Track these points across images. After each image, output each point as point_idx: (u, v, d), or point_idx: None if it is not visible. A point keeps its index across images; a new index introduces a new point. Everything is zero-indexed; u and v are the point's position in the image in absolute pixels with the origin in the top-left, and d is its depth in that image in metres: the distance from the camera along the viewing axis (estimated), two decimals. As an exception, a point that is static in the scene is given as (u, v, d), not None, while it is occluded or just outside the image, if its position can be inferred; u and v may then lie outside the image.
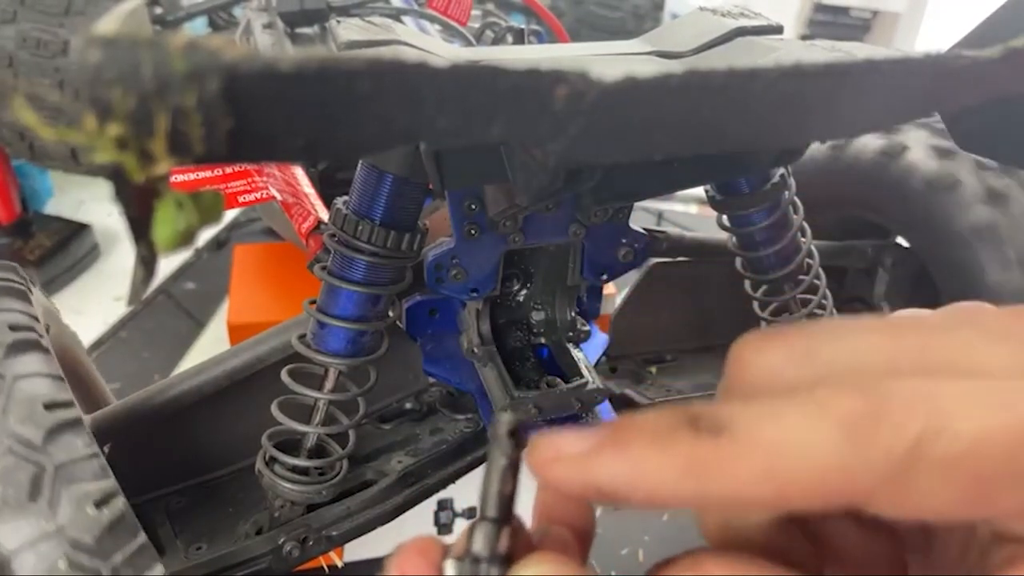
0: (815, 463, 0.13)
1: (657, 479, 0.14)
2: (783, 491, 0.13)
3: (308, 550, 0.43)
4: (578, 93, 0.15)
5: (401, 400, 0.52)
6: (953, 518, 0.13)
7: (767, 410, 0.14)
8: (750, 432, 0.13)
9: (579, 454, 0.15)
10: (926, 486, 0.13)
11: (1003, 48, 0.18)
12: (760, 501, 0.13)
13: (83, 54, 0.13)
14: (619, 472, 0.14)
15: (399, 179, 0.36)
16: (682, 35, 0.29)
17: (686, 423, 0.14)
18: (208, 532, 0.44)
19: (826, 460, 0.13)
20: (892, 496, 0.13)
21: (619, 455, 0.14)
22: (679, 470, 0.14)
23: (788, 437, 0.13)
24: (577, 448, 0.15)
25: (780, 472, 0.13)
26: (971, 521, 0.14)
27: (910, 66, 0.17)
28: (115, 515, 0.30)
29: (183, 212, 0.16)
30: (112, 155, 0.14)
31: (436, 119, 0.16)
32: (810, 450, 0.13)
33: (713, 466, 0.13)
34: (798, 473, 0.13)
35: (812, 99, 0.18)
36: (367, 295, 0.39)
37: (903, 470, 0.13)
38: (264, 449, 0.42)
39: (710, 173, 0.34)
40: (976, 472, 0.13)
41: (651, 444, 0.14)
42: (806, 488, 0.13)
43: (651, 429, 0.14)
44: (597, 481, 0.14)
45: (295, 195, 0.52)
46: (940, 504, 0.13)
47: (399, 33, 0.27)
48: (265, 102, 0.14)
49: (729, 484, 0.13)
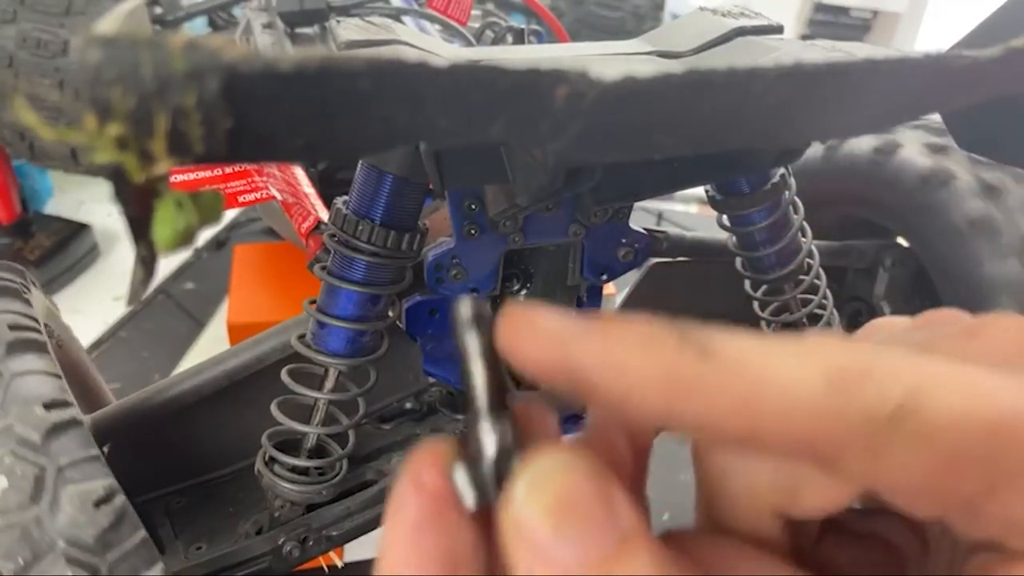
0: (794, 405, 0.13)
1: (635, 378, 0.13)
2: (755, 427, 0.13)
3: (308, 550, 0.43)
4: (578, 93, 0.15)
5: (401, 400, 0.52)
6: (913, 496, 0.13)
7: (755, 344, 0.13)
8: (735, 360, 0.13)
9: (557, 330, 0.14)
10: (897, 457, 0.12)
11: (1003, 48, 0.18)
12: (730, 432, 0.13)
13: (83, 54, 0.13)
14: (598, 359, 0.13)
15: (399, 179, 0.36)
16: (682, 35, 0.29)
17: (674, 335, 0.13)
18: (208, 532, 0.44)
19: (805, 405, 0.12)
20: (860, 460, 0.13)
21: (601, 341, 0.13)
22: (658, 377, 0.13)
23: (772, 374, 0.13)
24: (556, 324, 0.14)
25: (756, 406, 0.13)
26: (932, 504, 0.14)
27: (910, 66, 0.17)
28: (115, 514, 0.30)
29: (183, 212, 0.16)
30: (112, 155, 0.14)
31: (436, 119, 0.16)
32: (791, 391, 0.13)
33: (691, 383, 0.13)
34: (774, 412, 0.13)
35: (812, 99, 0.18)
36: (367, 295, 0.39)
37: (878, 434, 0.12)
38: (264, 449, 0.42)
39: (710, 173, 0.34)
40: (950, 452, 0.12)
41: (636, 343, 0.13)
42: (778, 429, 0.13)
43: (638, 329, 0.13)
44: (572, 363, 0.13)
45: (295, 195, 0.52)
46: (906, 478, 0.13)
47: (399, 33, 0.27)
48: (265, 102, 0.14)
49: (703, 406, 0.13)
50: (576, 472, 0.13)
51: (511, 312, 0.14)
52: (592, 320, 0.14)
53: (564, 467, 0.13)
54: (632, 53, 0.29)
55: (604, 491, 0.13)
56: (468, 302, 0.15)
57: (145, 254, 0.16)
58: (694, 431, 0.14)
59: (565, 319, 0.14)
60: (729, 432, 0.13)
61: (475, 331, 0.15)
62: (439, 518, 0.14)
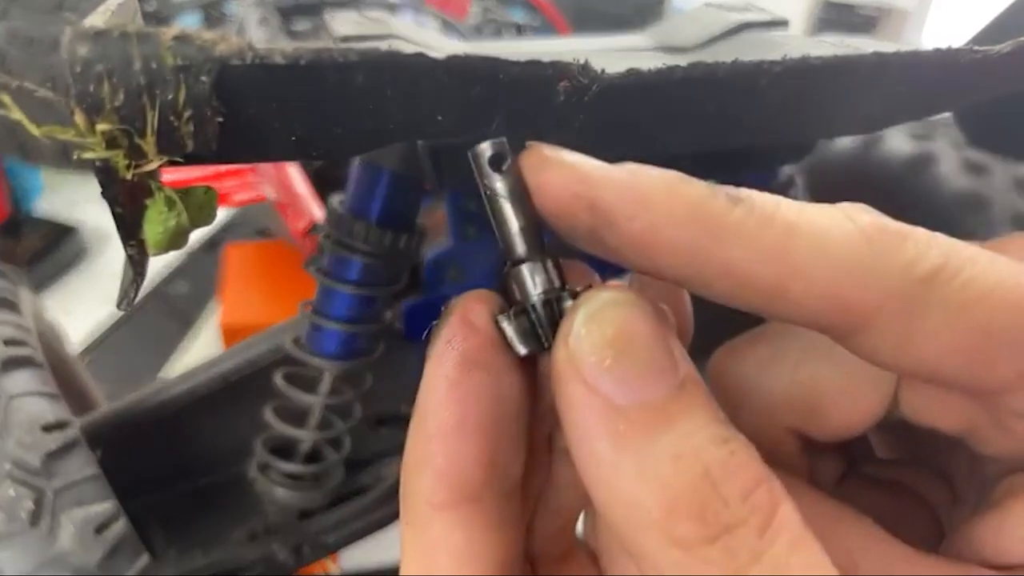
0: (829, 255, 0.12)
1: (661, 214, 0.12)
2: (785, 279, 0.12)
3: (302, 557, 0.43)
4: (580, 87, 0.15)
5: (397, 404, 0.51)
6: (946, 373, 0.13)
7: (789, 202, 0.13)
8: (769, 207, 0.12)
9: (583, 165, 0.13)
10: (931, 324, 0.12)
11: (1014, 43, 0.17)
12: (759, 283, 0.12)
13: (72, 48, 0.13)
14: (624, 193, 0.13)
15: (396, 177, 0.36)
16: (686, 29, 0.28)
17: (703, 184, 0.13)
18: (201, 538, 0.43)
19: (841, 256, 0.12)
20: (894, 324, 0.12)
21: (628, 177, 0.13)
22: (685, 215, 0.12)
23: (808, 224, 0.12)
24: (581, 160, 0.13)
25: (789, 256, 0.12)
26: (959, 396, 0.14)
27: (920, 61, 0.17)
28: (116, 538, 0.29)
29: (174, 211, 0.16)
30: (102, 152, 0.13)
31: (434, 114, 0.15)
32: (827, 242, 0.12)
33: (721, 223, 0.12)
34: (808, 264, 0.12)
35: (819, 94, 0.18)
36: (363, 296, 0.38)
37: (914, 294, 0.12)
38: (257, 454, 0.42)
39: (716, 171, 0.33)
40: (984, 325, 0.12)
41: (663, 182, 0.13)
42: (810, 284, 0.12)
43: (665, 172, 0.13)
44: (594, 191, 0.13)
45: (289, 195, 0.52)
46: (939, 350, 0.12)
47: (396, 27, 0.27)
48: (257, 96, 0.14)
49: (732, 248, 0.12)
50: (638, 309, 0.13)
51: (534, 148, 0.14)
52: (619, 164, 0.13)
53: (625, 303, 0.13)
54: (635, 48, 0.29)
55: (664, 333, 0.12)
56: (488, 142, 0.14)
57: (135, 255, 0.15)
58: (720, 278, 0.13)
59: (588, 158, 0.13)
60: (758, 281, 0.12)
61: (499, 172, 0.14)
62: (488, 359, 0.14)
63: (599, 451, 0.12)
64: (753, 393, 0.16)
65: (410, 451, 0.14)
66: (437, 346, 0.14)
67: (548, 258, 0.14)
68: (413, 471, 0.14)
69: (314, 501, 0.42)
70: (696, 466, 0.11)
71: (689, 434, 0.12)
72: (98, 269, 1.17)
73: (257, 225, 1.17)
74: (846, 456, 0.18)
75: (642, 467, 0.11)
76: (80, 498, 0.30)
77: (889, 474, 0.18)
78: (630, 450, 0.11)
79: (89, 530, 0.29)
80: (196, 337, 1.04)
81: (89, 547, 0.28)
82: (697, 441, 0.11)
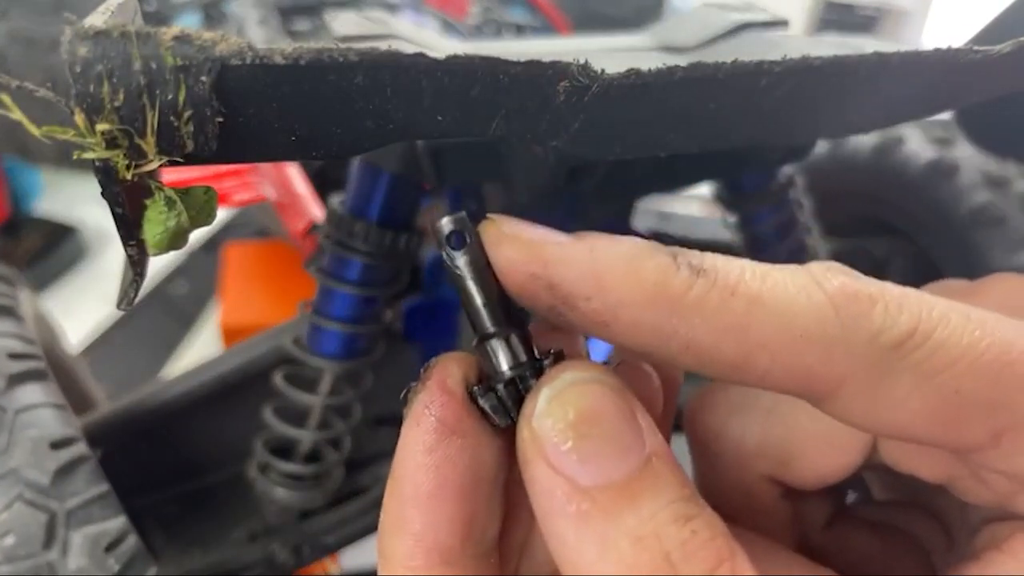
0: (794, 330, 0.12)
1: (620, 291, 0.12)
2: (752, 350, 0.12)
3: (302, 557, 0.43)
4: (580, 87, 0.15)
5: (397, 404, 0.51)
6: (918, 434, 0.12)
7: (754, 267, 0.12)
8: (733, 279, 0.12)
9: (539, 241, 0.13)
10: (900, 391, 0.12)
11: (1014, 43, 0.17)
12: (723, 358, 0.12)
13: (72, 48, 0.13)
14: (579, 270, 0.12)
15: (396, 177, 0.36)
16: (686, 29, 0.28)
17: (665, 251, 0.13)
18: (201, 538, 0.43)
19: (808, 327, 0.12)
20: (863, 393, 0.12)
21: (586, 252, 0.13)
22: (646, 292, 0.12)
23: (772, 295, 0.12)
24: (538, 235, 0.13)
25: (752, 330, 0.12)
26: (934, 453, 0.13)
27: (921, 61, 0.17)
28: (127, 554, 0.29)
29: (174, 211, 0.16)
30: (102, 152, 0.13)
31: (434, 114, 0.15)
32: (793, 316, 0.12)
33: (683, 299, 0.12)
34: (772, 337, 0.12)
35: (820, 94, 0.18)
36: (363, 296, 0.38)
37: (884, 365, 0.12)
38: (257, 454, 0.42)
39: (716, 171, 0.33)
40: (954, 390, 0.12)
41: (623, 255, 0.12)
42: (775, 357, 0.12)
43: (625, 243, 0.13)
44: (551, 269, 0.13)
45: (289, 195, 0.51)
46: (910, 414, 0.12)
47: (395, 27, 0.27)
48: (257, 96, 0.14)
49: (696, 326, 0.12)
50: (601, 387, 0.12)
51: (493, 222, 0.14)
52: (578, 234, 0.13)
53: (588, 381, 0.13)
54: (635, 48, 0.29)
55: (628, 410, 0.12)
56: (448, 219, 0.14)
57: (135, 255, 0.15)
58: (682, 354, 0.13)
59: (549, 231, 0.13)
60: (723, 356, 0.12)
61: (461, 248, 0.14)
62: (465, 426, 0.14)
63: (562, 531, 0.12)
64: (727, 442, 0.16)
65: (387, 514, 0.14)
66: (415, 409, 0.14)
67: (514, 331, 0.14)
68: (390, 534, 0.14)
69: (314, 501, 0.42)
70: (656, 548, 0.11)
71: (651, 514, 0.11)
72: (98, 269, 1.17)
73: (257, 225, 1.17)
74: (834, 499, 0.18)
75: (603, 549, 0.11)
76: (90, 516, 0.29)
77: (882, 516, 0.18)
78: (592, 531, 0.11)
79: (100, 548, 0.29)
80: (196, 337, 1.04)
81: (101, 565, 0.28)
82: (659, 521, 0.11)
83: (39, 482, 0.29)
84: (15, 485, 0.29)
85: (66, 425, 0.32)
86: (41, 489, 0.29)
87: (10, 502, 0.29)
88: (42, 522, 0.28)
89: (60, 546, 0.28)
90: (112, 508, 0.30)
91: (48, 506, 0.29)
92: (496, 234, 0.14)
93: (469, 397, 0.14)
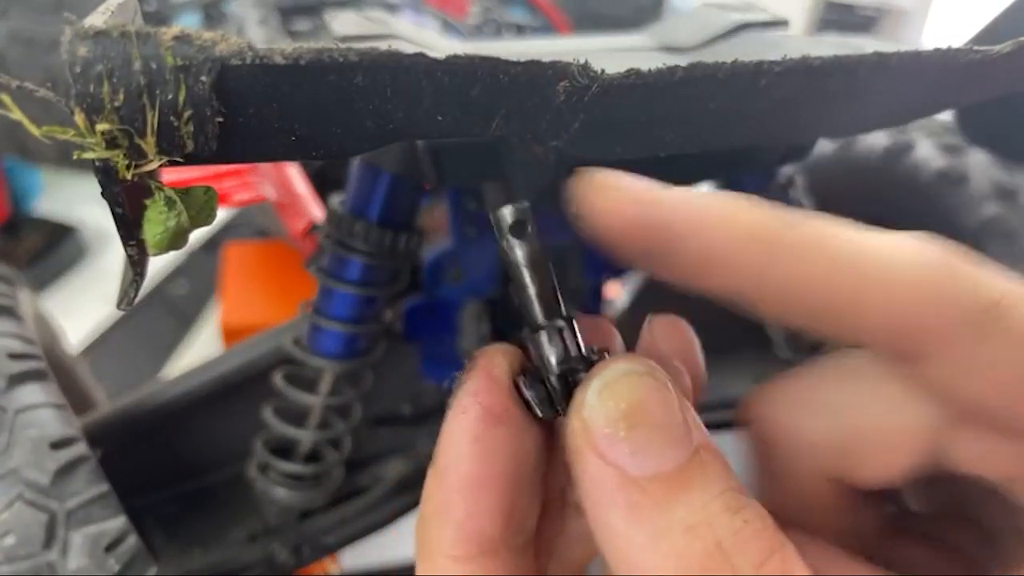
0: (894, 282, 0.12)
1: (722, 230, 0.12)
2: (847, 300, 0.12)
3: (302, 557, 0.43)
4: (580, 87, 0.15)
5: (398, 404, 0.51)
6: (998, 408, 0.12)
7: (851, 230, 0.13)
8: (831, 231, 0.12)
9: (643, 188, 0.13)
10: (990, 356, 0.12)
11: (1014, 43, 0.17)
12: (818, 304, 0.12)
13: (72, 48, 0.13)
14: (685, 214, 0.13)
15: (396, 177, 0.36)
16: (686, 29, 0.28)
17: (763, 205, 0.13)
18: (200, 538, 0.43)
19: (904, 284, 0.12)
20: (953, 354, 0.12)
21: (689, 198, 0.13)
22: (747, 235, 0.12)
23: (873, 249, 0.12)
24: (641, 183, 0.13)
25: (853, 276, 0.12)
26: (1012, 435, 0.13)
27: (921, 61, 0.17)
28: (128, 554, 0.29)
29: (174, 211, 0.16)
30: (102, 152, 0.13)
31: (433, 114, 0.15)
32: (893, 268, 0.12)
33: (783, 244, 0.12)
34: (872, 286, 0.12)
35: (819, 94, 0.18)
36: (363, 296, 0.38)
37: (976, 326, 0.12)
38: (257, 454, 0.42)
39: (715, 171, 0.33)
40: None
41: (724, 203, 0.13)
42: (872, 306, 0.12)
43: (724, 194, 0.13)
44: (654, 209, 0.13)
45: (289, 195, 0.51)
46: (994, 384, 0.12)
47: (395, 27, 0.27)
48: (257, 96, 0.14)
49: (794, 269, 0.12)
50: (652, 379, 0.13)
51: (591, 173, 0.14)
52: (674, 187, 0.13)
53: (638, 374, 0.13)
54: (635, 48, 0.29)
55: (677, 402, 0.13)
56: (510, 208, 0.14)
57: (135, 255, 0.15)
58: (778, 301, 0.13)
59: (647, 181, 0.13)
60: (817, 304, 0.12)
61: (520, 239, 0.14)
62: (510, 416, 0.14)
63: (613, 522, 0.12)
64: (789, 438, 0.16)
65: (429, 500, 0.14)
66: (462, 398, 0.14)
67: (565, 322, 0.14)
68: (433, 521, 0.14)
69: (314, 501, 0.42)
70: (708, 537, 0.11)
71: (702, 504, 0.12)
72: (98, 269, 1.17)
73: (257, 225, 1.17)
74: (887, 510, 0.18)
75: (655, 538, 0.11)
76: (90, 516, 0.29)
77: (933, 529, 0.18)
78: (643, 521, 0.12)
79: (100, 548, 0.29)
80: (196, 337, 1.04)
81: (101, 565, 0.28)
82: (710, 511, 0.11)
83: (39, 482, 0.29)
84: (15, 485, 0.29)
85: (66, 425, 0.32)
86: (41, 489, 0.29)
87: (10, 502, 0.29)
88: (42, 522, 0.28)
89: (60, 546, 0.28)
90: (112, 508, 0.30)
91: (48, 506, 0.29)
92: (597, 182, 0.14)
93: (516, 387, 0.14)
